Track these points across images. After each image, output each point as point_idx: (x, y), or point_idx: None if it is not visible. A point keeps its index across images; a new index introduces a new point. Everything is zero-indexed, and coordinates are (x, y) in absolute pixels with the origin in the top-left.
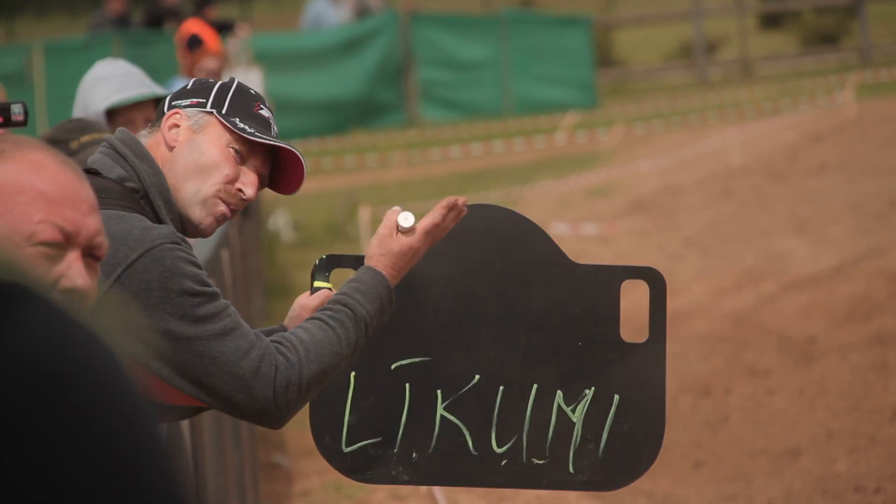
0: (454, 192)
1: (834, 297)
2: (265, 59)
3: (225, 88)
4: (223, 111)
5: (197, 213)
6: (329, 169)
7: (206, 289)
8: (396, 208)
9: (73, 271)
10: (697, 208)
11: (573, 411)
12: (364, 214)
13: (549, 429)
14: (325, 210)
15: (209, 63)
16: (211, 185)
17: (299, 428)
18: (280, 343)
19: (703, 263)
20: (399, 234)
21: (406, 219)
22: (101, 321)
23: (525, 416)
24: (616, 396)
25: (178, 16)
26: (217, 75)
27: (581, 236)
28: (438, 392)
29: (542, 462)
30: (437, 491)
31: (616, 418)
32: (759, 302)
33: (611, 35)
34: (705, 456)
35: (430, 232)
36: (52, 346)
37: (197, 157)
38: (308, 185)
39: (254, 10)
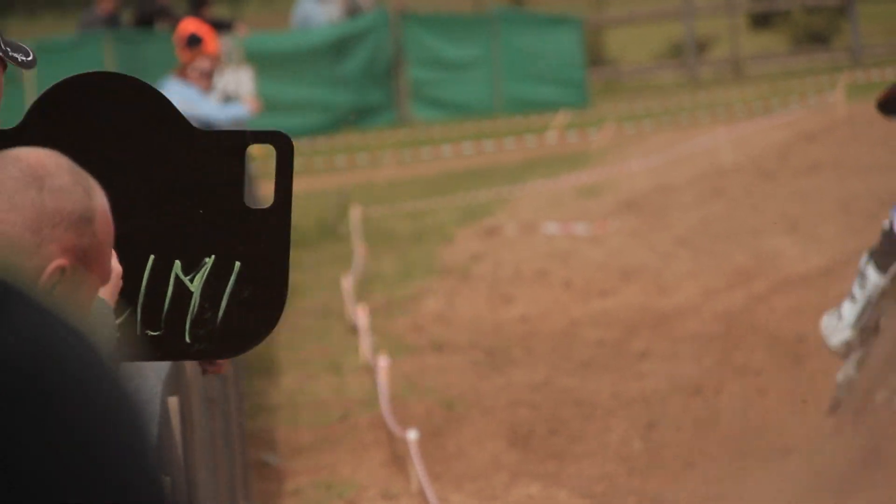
0: (445, 192)
1: (824, 296)
2: (256, 59)
3: None
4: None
5: None
6: (320, 169)
7: None
8: None
9: None
10: (688, 208)
11: (191, 281)
12: (355, 214)
13: (165, 300)
14: (317, 209)
15: (203, 63)
16: None
17: (291, 426)
18: None
19: (693, 263)
20: None
21: None
22: None
23: (140, 288)
24: (237, 263)
25: (169, 15)
26: (209, 75)
27: (572, 236)
28: None
29: (157, 334)
30: (428, 489)
31: (236, 285)
32: (749, 301)
33: (602, 34)
34: (696, 456)
35: None
36: (33, 343)
37: None
38: (299, 185)
39: (245, 10)
